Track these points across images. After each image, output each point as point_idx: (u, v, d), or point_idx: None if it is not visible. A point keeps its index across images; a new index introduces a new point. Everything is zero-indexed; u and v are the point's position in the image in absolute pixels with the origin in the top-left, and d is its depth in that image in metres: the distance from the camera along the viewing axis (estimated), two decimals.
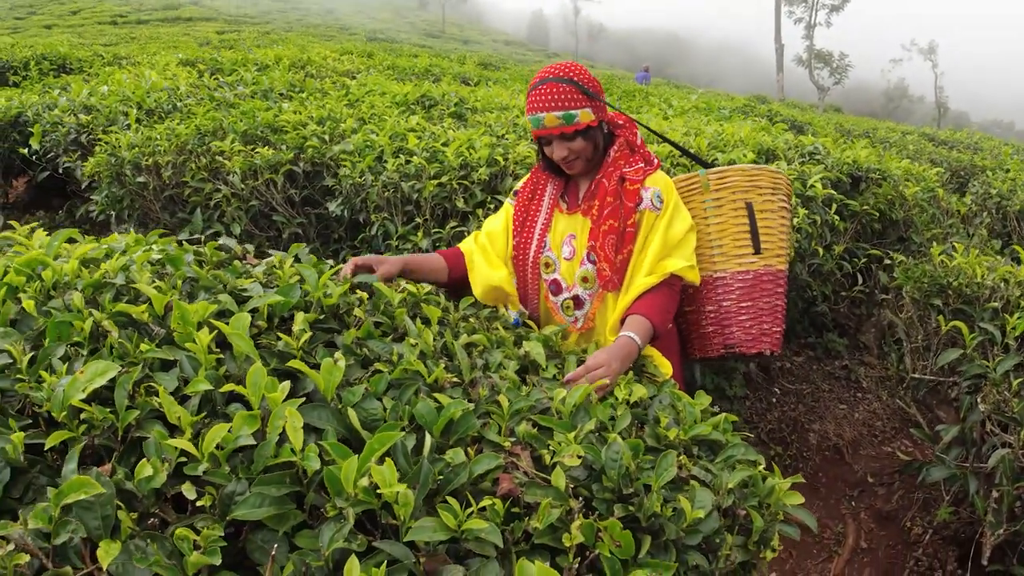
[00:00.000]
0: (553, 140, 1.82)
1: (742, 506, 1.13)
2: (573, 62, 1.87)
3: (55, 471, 0.96)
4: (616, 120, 1.92)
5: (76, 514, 0.82)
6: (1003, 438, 1.93)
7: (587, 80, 1.80)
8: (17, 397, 1.05)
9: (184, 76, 4.84)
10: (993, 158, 6.62)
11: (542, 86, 1.77)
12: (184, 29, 26.19)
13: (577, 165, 1.86)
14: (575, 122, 1.77)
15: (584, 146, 1.82)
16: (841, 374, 4.07)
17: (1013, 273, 2.38)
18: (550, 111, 1.76)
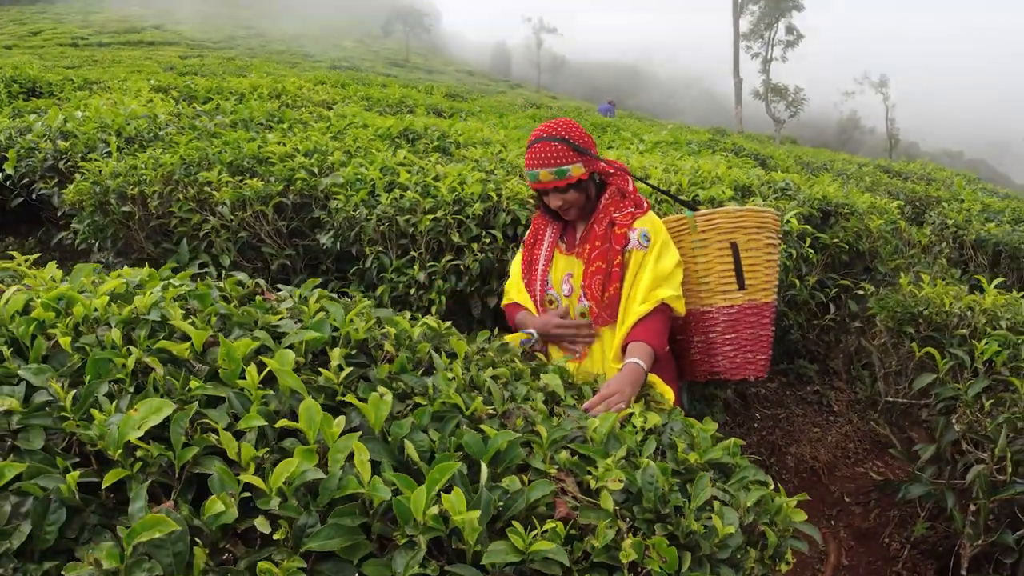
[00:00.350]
0: (549, 192, 2.02)
1: (759, 523, 1.20)
2: (567, 120, 2.06)
3: (109, 510, 0.97)
4: (607, 170, 2.10)
5: (146, 552, 0.84)
6: (978, 455, 2.05)
7: (578, 137, 1.99)
8: (61, 435, 1.06)
9: (160, 104, 4.83)
10: (946, 189, 6.96)
11: (537, 144, 1.97)
12: (146, 53, 25.95)
13: (572, 212, 2.06)
14: (567, 176, 1.96)
15: (576, 197, 2.02)
16: (813, 399, 4.21)
17: (978, 302, 2.54)
18: (545, 167, 1.95)
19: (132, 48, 29.03)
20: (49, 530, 0.91)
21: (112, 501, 0.97)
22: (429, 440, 1.08)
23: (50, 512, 0.92)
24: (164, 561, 0.84)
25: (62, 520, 0.91)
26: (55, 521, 0.91)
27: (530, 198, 2.88)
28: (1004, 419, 1.98)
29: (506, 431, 1.07)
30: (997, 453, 1.95)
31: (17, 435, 1.02)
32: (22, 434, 1.02)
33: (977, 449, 2.08)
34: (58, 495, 0.92)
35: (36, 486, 0.93)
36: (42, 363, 1.17)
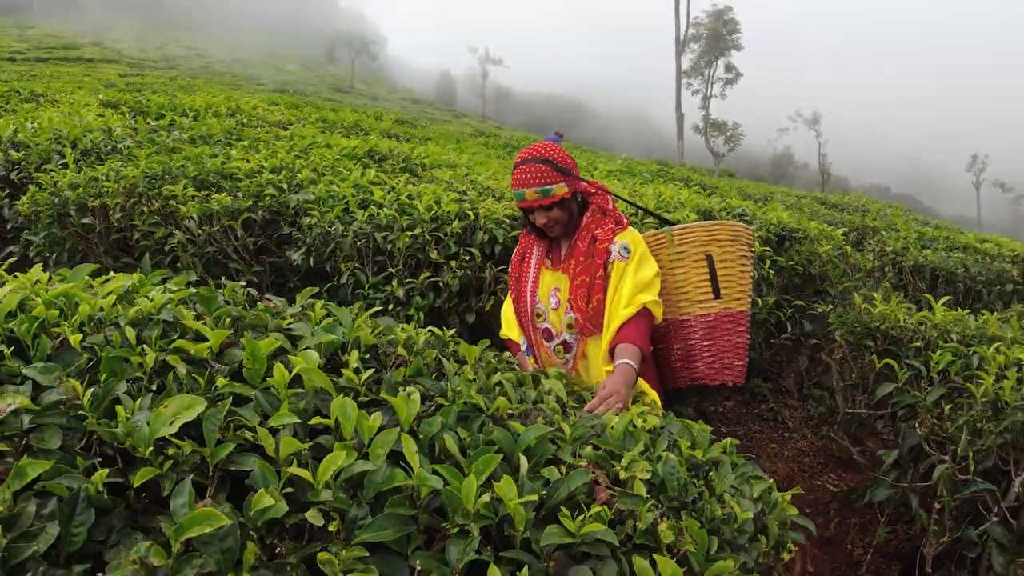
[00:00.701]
0: (535, 210, 2.11)
1: (765, 515, 1.26)
2: (550, 143, 2.18)
3: (135, 512, 0.95)
4: (589, 190, 2.21)
5: (196, 549, 0.82)
6: (940, 456, 2.17)
7: (561, 159, 2.11)
8: (78, 434, 1.02)
9: (115, 119, 4.70)
10: (881, 219, 7.35)
11: (523, 166, 2.08)
12: (85, 69, 25.21)
13: (556, 229, 2.16)
14: (551, 195, 2.07)
15: (560, 214, 2.12)
16: (769, 416, 4.34)
17: (928, 318, 2.70)
18: (530, 187, 2.06)
19: (71, 64, 28.18)
20: (77, 532, 0.87)
21: (143, 501, 0.95)
22: (458, 438, 1.09)
23: (77, 513, 0.89)
24: (212, 557, 0.82)
25: (90, 521, 0.88)
26: (83, 522, 0.88)
27: (505, 218, 2.93)
28: (964, 421, 2.11)
29: (536, 426, 1.09)
30: (960, 453, 2.08)
31: (29, 435, 0.99)
32: (35, 434, 0.98)
33: (939, 451, 2.20)
34: (86, 495, 0.89)
35: (62, 486, 0.90)
36: (47, 362, 1.13)
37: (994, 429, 2.09)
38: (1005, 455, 2.14)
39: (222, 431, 1.00)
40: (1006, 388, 2.12)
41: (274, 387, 1.08)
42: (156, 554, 0.81)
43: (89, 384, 1.07)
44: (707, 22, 40.38)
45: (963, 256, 5.49)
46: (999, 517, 2.12)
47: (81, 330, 1.22)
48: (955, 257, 5.12)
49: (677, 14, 33.89)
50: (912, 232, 5.96)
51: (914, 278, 4.85)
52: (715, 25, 40.16)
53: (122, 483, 0.95)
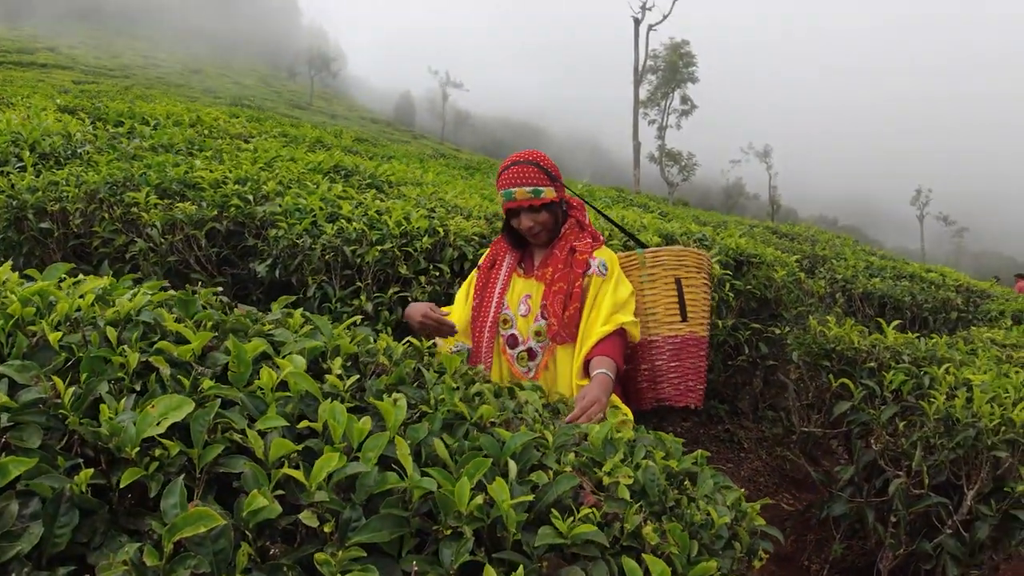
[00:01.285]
0: (522, 212, 2.12)
1: (738, 522, 1.30)
2: (537, 151, 2.21)
3: (118, 513, 0.93)
4: (571, 202, 2.26)
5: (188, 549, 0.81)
6: (894, 472, 2.26)
7: (549, 165, 2.15)
8: (58, 433, 1.00)
9: (74, 123, 4.59)
10: (831, 248, 7.62)
11: (513, 167, 2.10)
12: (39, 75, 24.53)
13: (542, 235, 2.16)
14: (542, 197, 2.08)
15: (547, 219, 2.13)
16: (724, 436, 4.43)
17: (881, 340, 2.82)
18: (520, 186, 2.08)
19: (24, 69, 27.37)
20: (60, 533, 0.85)
21: (128, 503, 0.93)
22: (442, 444, 1.10)
23: (61, 513, 0.87)
24: (206, 559, 0.81)
25: (75, 522, 0.86)
26: (67, 523, 0.86)
27: (475, 235, 2.95)
28: (918, 437, 2.20)
29: (521, 433, 1.11)
30: (914, 468, 2.16)
31: (7, 433, 0.96)
32: (14, 432, 0.96)
33: (894, 467, 2.29)
34: (70, 495, 0.87)
35: (45, 485, 0.87)
36: (24, 360, 1.11)
37: (947, 445, 2.19)
38: (957, 470, 2.24)
39: (209, 434, 0.99)
40: (957, 406, 2.23)
41: (260, 390, 1.07)
42: (149, 555, 0.79)
43: (68, 384, 1.05)
44: (664, 55, 41.50)
45: (910, 285, 5.74)
46: (952, 530, 2.21)
47: (58, 329, 1.19)
48: (902, 285, 5.34)
49: (636, 46, 34.73)
50: (860, 261, 6.20)
51: (863, 304, 5.04)
52: (672, 58, 41.29)
53: (105, 484, 0.93)
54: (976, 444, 2.21)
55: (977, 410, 2.25)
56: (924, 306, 5.34)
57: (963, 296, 5.96)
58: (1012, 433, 2.20)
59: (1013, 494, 2.18)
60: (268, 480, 0.91)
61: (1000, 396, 2.34)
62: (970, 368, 2.70)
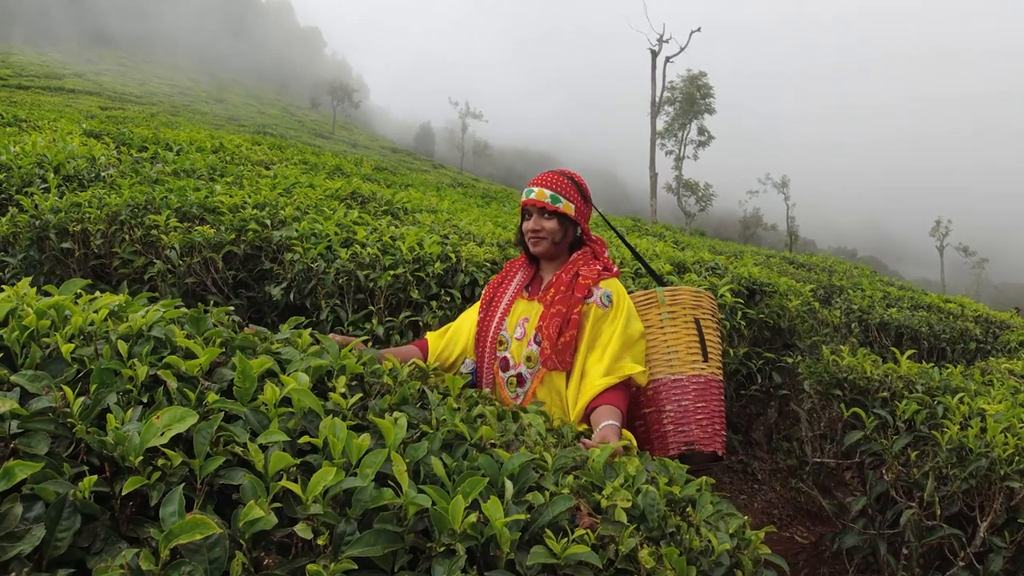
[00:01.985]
0: (533, 213, 2.08)
1: (740, 551, 1.28)
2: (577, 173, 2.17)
3: (119, 520, 0.95)
4: (591, 235, 2.19)
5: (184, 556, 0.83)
6: (906, 503, 2.22)
7: (584, 188, 2.14)
8: (65, 441, 1.02)
9: (98, 147, 4.72)
10: (847, 279, 7.56)
11: (548, 173, 2.10)
12: (67, 100, 25.26)
13: (542, 245, 2.10)
14: (558, 205, 2.05)
15: (555, 229, 2.08)
16: (738, 467, 4.37)
17: (894, 369, 2.79)
18: (544, 187, 2.07)
19: (53, 94, 28.20)
20: (62, 537, 0.87)
21: (129, 510, 0.95)
22: (443, 463, 1.11)
23: (63, 518, 0.89)
24: (200, 566, 0.83)
25: (76, 527, 0.88)
26: (68, 527, 0.88)
27: (487, 262, 2.98)
28: (930, 468, 2.17)
29: (519, 453, 1.11)
30: (926, 499, 2.13)
31: (16, 440, 0.99)
32: (22, 439, 0.98)
33: (906, 497, 2.25)
34: (72, 500, 0.89)
35: (49, 489, 0.90)
36: (36, 370, 1.14)
37: (959, 475, 2.15)
38: (971, 501, 2.20)
39: (211, 446, 1.01)
40: (970, 435, 2.20)
41: (264, 405, 1.10)
42: (145, 559, 0.81)
43: (78, 394, 1.08)
44: (682, 86, 41.80)
45: (927, 315, 5.67)
46: (966, 562, 2.16)
47: (71, 342, 1.23)
48: (919, 315, 5.28)
49: (653, 78, 35.06)
50: (877, 291, 6.15)
51: (880, 335, 4.99)
52: (689, 89, 41.58)
53: (108, 492, 0.95)
54: (989, 474, 2.17)
55: (991, 440, 2.21)
56: (942, 336, 5.27)
57: (982, 326, 5.88)
58: None
59: None
60: (266, 492, 0.93)
61: (1015, 426, 2.30)
62: (985, 398, 2.67)
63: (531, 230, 2.08)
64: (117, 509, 0.95)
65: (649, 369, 2.14)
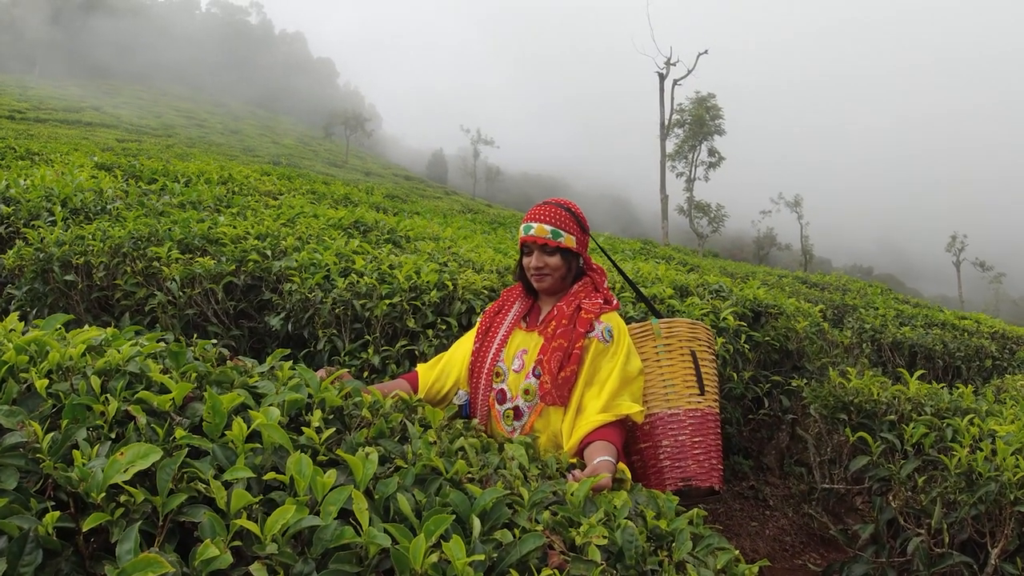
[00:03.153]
0: (535, 250, 2.04)
1: None
2: (572, 201, 2.14)
3: (83, 556, 0.94)
4: (591, 263, 2.16)
5: None
6: (915, 530, 2.15)
7: (581, 217, 2.10)
8: (35, 477, 1.02)
9: (107, 180, 4.79)
10: (861, 298, 7.47)
11: (544, 205, 2.07)
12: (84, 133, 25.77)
13: (547, 281, 2.05)
14: (559, 240, 2.01)
15: (559, 265, 2.03)
16: (749, 494, 4.29)
17: (903, 391, 2.72)
18: (543, 222, 2.02)
19: (70, 127, 28.81)
20: (24, 572, 0.87)
21: (91, 547, 0.94)
22: (414, 499, 1.09)
23: (25, 552, 0.88)
24: None
25: (38, 562, 0.88)
26: (30, 562, 0.88)
27: (484, 289, 2.97)
28: (938, 493, 2.10)
29: (492, 489, 1.09)
30: (934, 526, 2.06)
31: None
32: None
33: (914, 524, 2.19)
34: (35, 536, 0.88)
35: (13, 524, 0.89)
36: (12, 405, 1.14)
37: (968, 500, 2.08)
38: (980, 527, 2.13)
39: (176, 482, 1.00)
40: (979, 459, 2.13)
41: (232, 441, 1.08)
42: None
43: (50, 429, 1.07)
44: (691, 108, 41.94)
45: (941, 333, 5.57)
46: None
47: (49, 377, 1.23)
48: (933, 334, 5.19)
49: (662, 100, 35.21)
50: (891, 310, 6.06)
51: (893, 354, 4.91)
52: (699, 111, 41.70)
53: (73, 528, 0.95)
54: (999, 499, 2.10)
55: (1000, 463, 2.14)
56: (956, 354, 5.17)
57: (998, 343, 5.77)
58: None
59: None
60: (226, 530, 0.91)
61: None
62: (996, 419, 2.59)
63: (535, 268, 2.04)
64: (81, 545, 0.94)
65: (646, 403, 2.11)
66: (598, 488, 1.44)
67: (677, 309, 3.43)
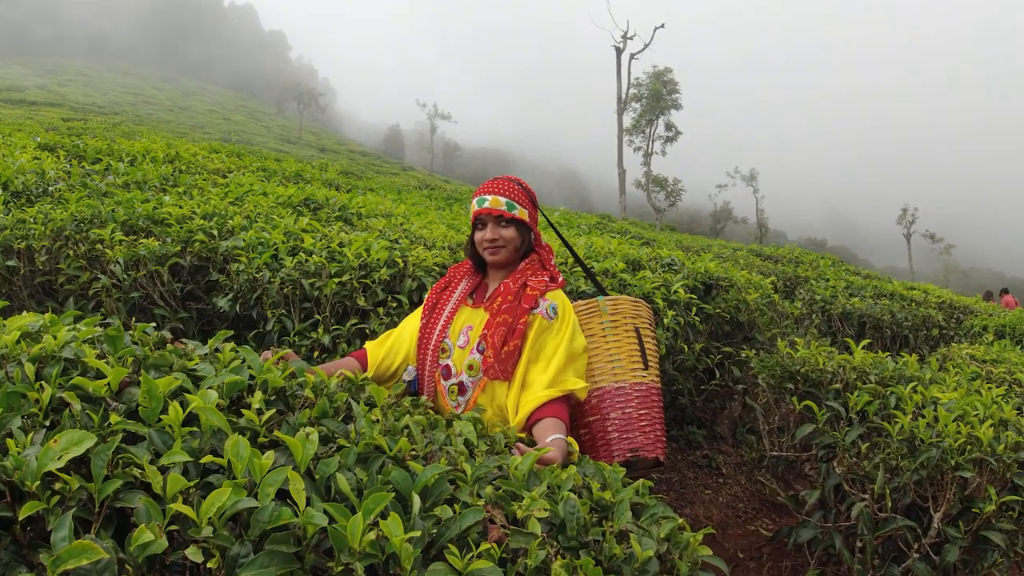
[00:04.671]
0: (489, 223, 2.07)
1: (673, 553, 1.27)
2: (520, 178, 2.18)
3: (21, 545, 0.92)
4: (540, 240, 2.20)
5: None
6: (859, 495, 2.23)
7: (532, 193, 2.15)
8: None
9: (49, 161, 4.61)
10: (813, 269, 7.66)
11: (496, 180, 2.10)
12: (28, 112, 24.74)
13: (501, 253, 2.08)
14: (514, 212, 2.05)
15: (513, 236, 2.08)
16: (703, 462, 4.40)
17: (848, 360, 2.81)
18: (497, 195, 2.05)
19: (14, 107, 27.60)
20: None
21: (28, 535, 0.92)
22: (356, 478, 1.09)
23: None
24: None
25: None
26: None
27: (435, 266, 2.95)
28: (880, 459, 2.18)
29: (434, 465, 1.09)
30: (877, 491, 2.14)
31: None
32: None
33: (859, 490, 2.27)
34: None
35: None
36: None
37: (910, 466, 2.16)
38: (923, 492, 2.21)
39: (111, 468, 0.98)
40: (921, 425, 2.20)
41: (168, 425, 1.07)
42: None
43: None
44: (648, 82, 42.04)
45: (890, 303, 5.75)
46: (921, 554, 2.17)
47: None
48: (882, 304, 5.36)
49: (619, 75, 35.22)
50: (841, 281, 6.23)
51: (842, 324, 5.05)
52: (655, 85, 41.82)
53: (10, 517, 0.93)
54: (941, 464, 2.17)
55: (942, 429, 2.21)
56: (904, 324, 5.35)
57: (945, 312, 5.98)
58: (979, 452, 2.16)
59: (982, 515, 2.13)
60: (162, 515, 0.90)
61: (968, 414, 2.31)
62: (939, 386, 2.68)
63: (488, 240, 2.06)
64: (19, 533, 0.93)
65: (593, 377, 2.17)
66: (545, 462, 1.47)
67: (628, 283, 3.47)
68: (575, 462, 1.73)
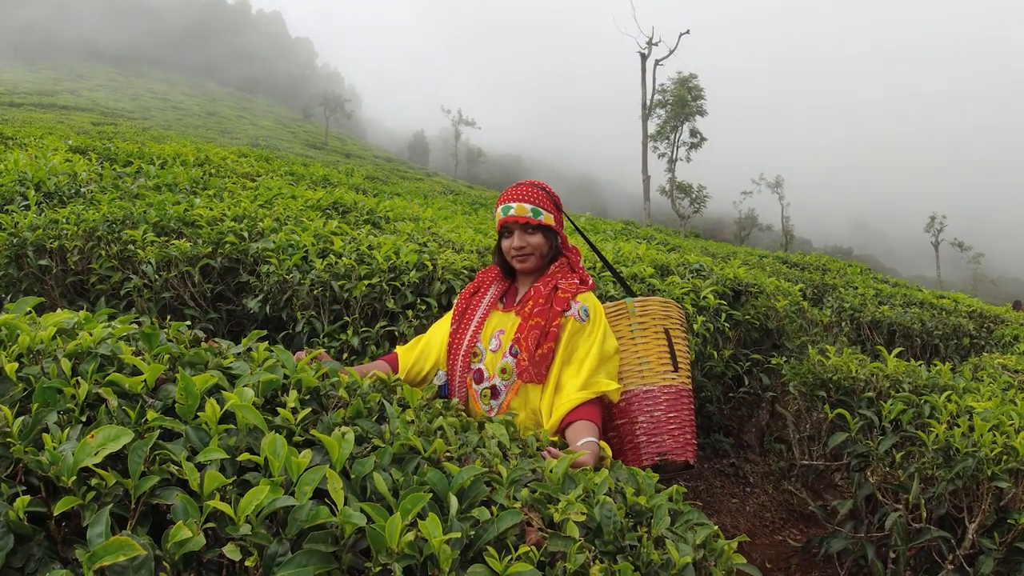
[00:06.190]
0: (515, 230, 2.06)
1: (709, 560, 1.25)
2: (544, 182, 2.16)
3: (56, 542, 0.92)
4: (567, 243, 2.19)
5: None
6: (893, 505, 2.18)
7: (555, 196, 2.13)
8: (5, 462, 1.00)
9: (81, 163, 4.69)
10: (840, 277, 7.54)
11: (519, 186, 2.08)
12: (59, 116, 25.32)
13: (530, 261, 2.08)
14: (540, 218, 2.04)
15: (541, 243, 2.07)
16: (730, 471, 4.33)
17: (881, 368, 2.75)
18: (522, 202, 2.04)
19: (45, 111, 28.28)
20: None
21: (63, 531, 0.92)
22: (392, 478, 1.08)
23: None
24: None
25: (9, 547, 0.87)
26: (2, 547, 0.87)
27: (464, 269, 2.95)
28: (915, 469, 2.13)
29: (470, 467, 1.08)
30: (911, 501, 2.09)
31: None
32: None
33: (892, 500, 2.22)
34: (5, 521, 0.87)
35: None
36: None
37: (946, 476, 2.11)
38: (958, 502, 2.16)
39: (148, 465, 0.98)
40: (956, 435, 2.16)
41: (205, 423, 1.06)
42: None
43: (20, 413, 1.05)
44: (672, 88, 41.80)
45: (920, 312, 5.64)
46: (955, 565, 2.12)
47: (19, 360, 1.20)
48: (912, 312, 5.26)
49: (644, 81, 35.11)
50: (870, 289, 6.12)
51: (872, 333, 4.96)
52: (680, 91, 41.59)
53: (45, 512, 0.93)
54: (976, 474, 2.13)
55: (978, 439, 2.17)
56: (934, 333, 5.24)
57: (975, 322, 5.85)
58: (1015, 462, 2.11)
59: (1017, 526, 2.09)
60: (199, 512, 0.90)
61: (1004, 424, 2.25)
62: (973, 395, 2.62)
63: (516, 248, 2.06)
64: (53, 529, 0.93)
65: (621, 380, 2.14)
66: (577, 465, 1.45)
67: (657, 288, 3.44)
68: (607, 466, 1.71)
